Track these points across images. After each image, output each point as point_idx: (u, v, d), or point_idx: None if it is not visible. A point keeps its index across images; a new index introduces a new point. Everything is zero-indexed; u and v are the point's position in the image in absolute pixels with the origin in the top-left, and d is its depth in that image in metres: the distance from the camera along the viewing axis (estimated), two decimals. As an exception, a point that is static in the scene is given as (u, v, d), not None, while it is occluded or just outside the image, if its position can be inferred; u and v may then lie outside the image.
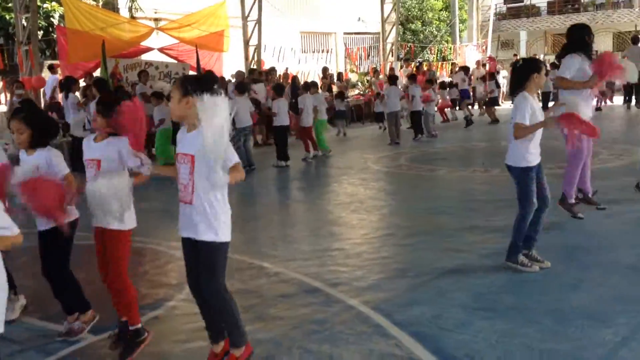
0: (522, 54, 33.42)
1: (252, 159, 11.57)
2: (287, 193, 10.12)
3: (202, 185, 3.44)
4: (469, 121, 16.56)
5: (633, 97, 17.88)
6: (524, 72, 5.10)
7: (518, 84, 5.10)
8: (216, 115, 3.17)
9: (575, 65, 6.02)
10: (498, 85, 18.75)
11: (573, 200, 6.39)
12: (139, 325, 4.12)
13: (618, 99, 19.28)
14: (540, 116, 5.03)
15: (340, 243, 6.49)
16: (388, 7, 24.48)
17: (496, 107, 17.91)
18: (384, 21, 23.99)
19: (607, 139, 11.09)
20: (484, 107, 18.46)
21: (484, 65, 23.47)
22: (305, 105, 12.27)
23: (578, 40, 6.14)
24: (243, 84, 12.10)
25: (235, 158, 3.44)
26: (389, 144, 13.97)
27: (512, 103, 6.20)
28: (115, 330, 4.23)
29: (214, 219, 3.50)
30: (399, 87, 15.39)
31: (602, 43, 32.86)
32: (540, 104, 5.26)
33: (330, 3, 26.96)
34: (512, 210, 7.23)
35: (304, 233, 7.09)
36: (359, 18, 27.82)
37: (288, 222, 7.84)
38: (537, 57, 16.20)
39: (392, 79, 14.78)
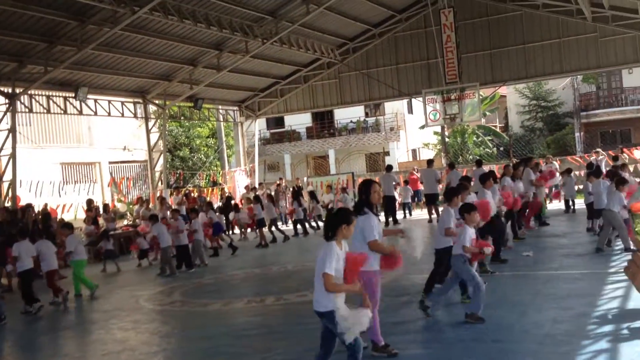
0: (288, 176, 35.28)
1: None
2: (41, 347, 9.01)
3: None
4: (234, 248, 16.78)
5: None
6: (335, 223, 5.24)
7: (330, 232, 5.23)
8: None
9: (374, 224, 6.24)
10: (263, 208, 19.21)
11: (383, 342, 6.46)
12: None
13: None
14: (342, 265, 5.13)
15: (109, 404, 5.94)
16: (154, 135, 24.55)
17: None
18: (151, 149, 23.95)
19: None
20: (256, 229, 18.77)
21: (253, 189, 24.35)
22: (41, 251, 11.55)
23: (359, 197, 6.55)
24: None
25: None
26: (168, 275, 13.70)
27: None
28: None
29: None
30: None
31: (357, 163, 36.04)
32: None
33: (94, 133, 26.41)
34: (288, 343, 7.32)
35: (67, 396, 6.39)
36: (125, 147, 27.49)
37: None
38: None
39: (154, 218, 14.66)
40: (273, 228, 18.94)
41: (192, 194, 24.01)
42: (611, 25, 21.98)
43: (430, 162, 20.24)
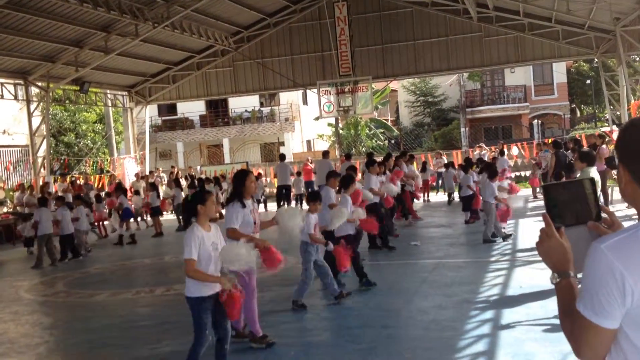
0: (181, 164, 34.60)
1: None
2: None
3: None
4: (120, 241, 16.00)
5: None
6: (191, 207, 5.22)
7: (189, 216, 5.26)
8: None
9: (238, 213, 6.23)
10: (159, 196, 18.79)
11: (261, 333, 6.42)
12: None
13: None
14: (210, 247, 5.13)
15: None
16: (37, 119, 23.28)
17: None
18: (32, 134, 22.68)
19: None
20: (151, 217, 18.21)
21: (143, 177, 23.68)
22: None
23: (233, 187, 6.49)
24: None
25: None
26: (50, 264, 13.11)
27: None
28: None
29: None
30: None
31: (252, 153, 35.90)
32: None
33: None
34: (179, 333, 7.20)
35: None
36: (5, 131, 25.95)
37: None
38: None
39: (42, 201, 14.02)
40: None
41: (78, 181, 23.01)
42: (495, 25, 23.07)
43: (325, 154, 20.53)
